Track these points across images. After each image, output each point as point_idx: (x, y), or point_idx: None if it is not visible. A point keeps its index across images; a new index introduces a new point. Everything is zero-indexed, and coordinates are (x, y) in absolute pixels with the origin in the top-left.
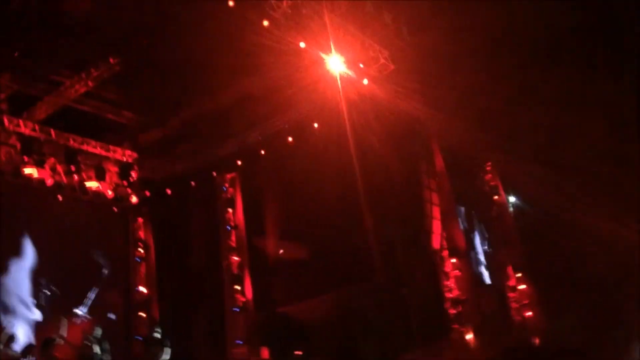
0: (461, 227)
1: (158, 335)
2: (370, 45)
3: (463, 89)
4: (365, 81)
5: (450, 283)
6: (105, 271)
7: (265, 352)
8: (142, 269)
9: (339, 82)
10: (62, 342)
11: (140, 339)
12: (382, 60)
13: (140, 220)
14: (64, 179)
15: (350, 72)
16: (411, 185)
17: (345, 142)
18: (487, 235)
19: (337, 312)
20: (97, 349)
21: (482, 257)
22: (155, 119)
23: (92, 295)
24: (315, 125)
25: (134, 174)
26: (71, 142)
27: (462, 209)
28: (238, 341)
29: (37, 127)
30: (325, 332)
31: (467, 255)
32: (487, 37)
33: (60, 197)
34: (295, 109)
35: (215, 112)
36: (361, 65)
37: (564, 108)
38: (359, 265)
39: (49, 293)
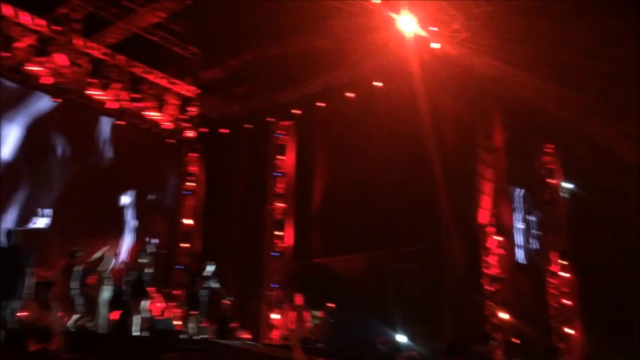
0: (511, 206)
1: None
2: (445, 7)
3: (539, 45)
4: (437, 45)
5: (491, 260)
6: (152, 197)
7: (299, 299)
8: (190, 202)
9: (408, 41)
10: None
11: (182, 267)
12: (456, 26)
13: (193, 155)
14: (126, 105)
15: (422, 33)
16: (467, 157)
17: (406, 103)
18: (536, 219)
19: (374, 271)
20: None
21: (526, 239)
22: (218, 57)
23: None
24: (379, 83)
25: (192, 109)
26: (137, 69)
27: (518, 190)
28: (273, 284)
29: (107, 51)
30: (359, 288)
31: (512, 235)
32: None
33: (120, 122)
34: (359, 66)
35: (278, 59)
36: (434, 29)
37: None
38: (403, 229)
39: None
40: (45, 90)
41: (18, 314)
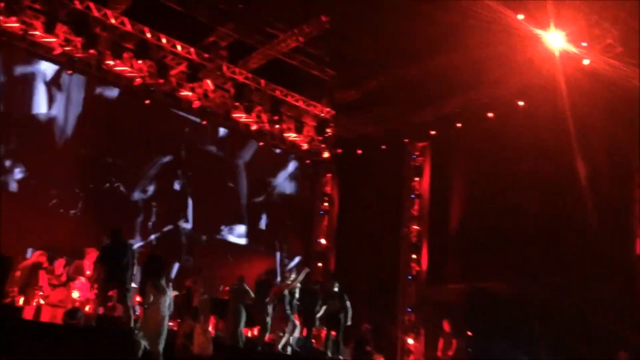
0: None
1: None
2: (597, 21)
3: None
4: (586, 61)
5: None
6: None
7: (447, 325)
8: (324, 222)
9: (557, 58)
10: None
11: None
12: (609, 40)
13: (328, 175)
14: (267, 127)
15: (571, 49)
16: (623, 181)
17: (552, 123)
18: None
19: (516, 300)
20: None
21: None
22: (354, 78)
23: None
24: (521, 103)
25: (329, 130)
26: (277, 93)
27: None
28: (408, 309)
29: (249, 76)
30: (500, 317)
31: None
32: None
33: (261, 143)
34: (500, 85)
35: (414, 79)
36: (584, 44)
37: None
38: (549, 256)
39: None
40: (193, 114)
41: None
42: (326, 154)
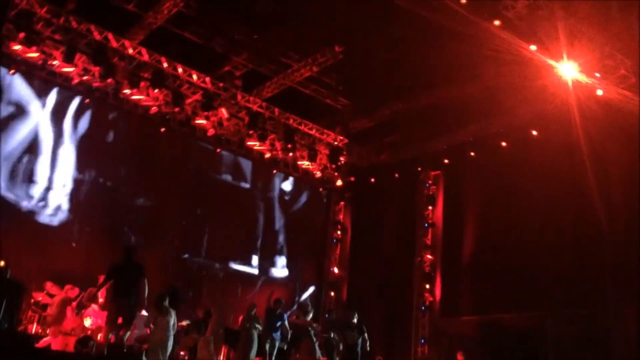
0: None
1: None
2: (610, 52)
3: None
4: (600, 92)
5: None
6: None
7: (461, 357)
8: (337, 251)
9: (570, 88)
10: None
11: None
12: (623, 71)
13: (341, 203)
14: (280, 155)
15: (584, 79)
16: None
17: (566, 153)
18: None
19: (532, 332)
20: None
21: None
22: (367, 107)
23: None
24: (534, 132)
25: (342, 159)
26: (291, 121)
27: None
28: (422, 340)
29: (263, 105)
30: (517, 350)
31: None
32: None
33: (274, 171)
34: (514, 114)
35: (427, 108)
36: (597, 75)
37: None
38: (565, 288)
39: None
40: (208, 142)
41: None
42: (339, 182)
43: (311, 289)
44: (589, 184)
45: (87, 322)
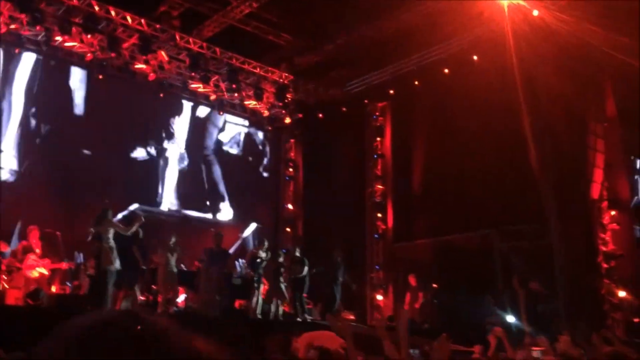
0: (629, 178)
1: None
2: None
3: None
4: (536, 12)
5: (606, 236)
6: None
7: (413, 279)
8: (291, 188)
9: (506, 11)
10: None
11: (284, 251)
12: None
13: (292, 141)
14: (226, 96)
15: (519, 1)
16: (576, 129)
17: (504, 76)
18: None
19: (481, 250)
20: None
21: None
22: (311, 43)
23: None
24: (475, 57)
25: (289, 96)
26: (234, 61)
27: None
28: (376, 266)
29: (204, 45)
30: (466, 268)
31: (628, 208)
32: None
33: (220, 112)
34: (454, 41)
35: (370, 40)
36: None
37: None
38: (507, 208)
39: None
40: (150, 87)
41: None
42: (288, 120)
43: (253, 225)
44: (520, 105)
45: (34, 274)
